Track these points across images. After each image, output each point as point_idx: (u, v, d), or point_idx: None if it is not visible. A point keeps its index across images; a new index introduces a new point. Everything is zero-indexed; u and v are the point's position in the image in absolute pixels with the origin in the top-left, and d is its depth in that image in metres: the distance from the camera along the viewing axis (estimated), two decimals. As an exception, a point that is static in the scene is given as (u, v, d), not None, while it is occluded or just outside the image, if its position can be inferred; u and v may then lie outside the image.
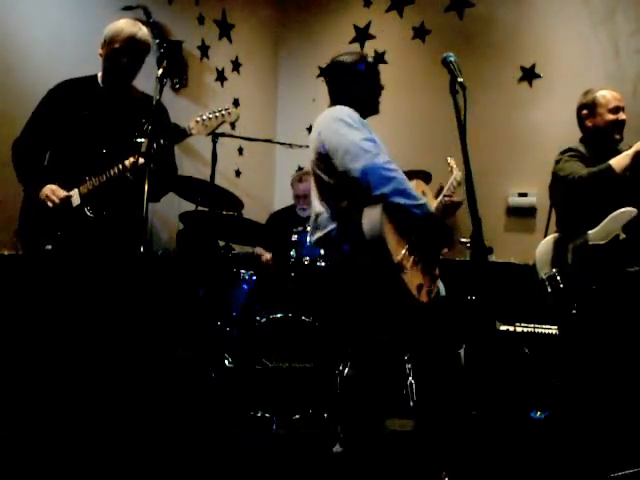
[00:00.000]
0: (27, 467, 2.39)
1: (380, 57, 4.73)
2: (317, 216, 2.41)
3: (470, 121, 2.04)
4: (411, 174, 2.44)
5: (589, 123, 3.06)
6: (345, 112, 2.34)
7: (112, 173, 2.51)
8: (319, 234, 2.40)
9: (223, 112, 2.57)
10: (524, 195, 4.13)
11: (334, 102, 2.49)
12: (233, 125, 4.24)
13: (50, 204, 2.55)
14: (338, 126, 2.29)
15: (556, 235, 3.09)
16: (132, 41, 2.57)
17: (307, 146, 4.18)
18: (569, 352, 2.94)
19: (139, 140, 2.22)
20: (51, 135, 2.64)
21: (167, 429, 2.85)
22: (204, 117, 2.56)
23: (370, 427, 2.44)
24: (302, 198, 4.14)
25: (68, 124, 2.62)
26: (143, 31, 2.63)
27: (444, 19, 4.49)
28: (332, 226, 2.34)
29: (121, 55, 2.58)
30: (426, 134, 4.43)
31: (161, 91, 2.23)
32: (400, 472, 2.58)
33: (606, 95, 3.00)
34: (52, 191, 2.56)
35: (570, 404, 2.89)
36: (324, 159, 2.34)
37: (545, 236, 3.27)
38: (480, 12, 4.38)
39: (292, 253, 3.53)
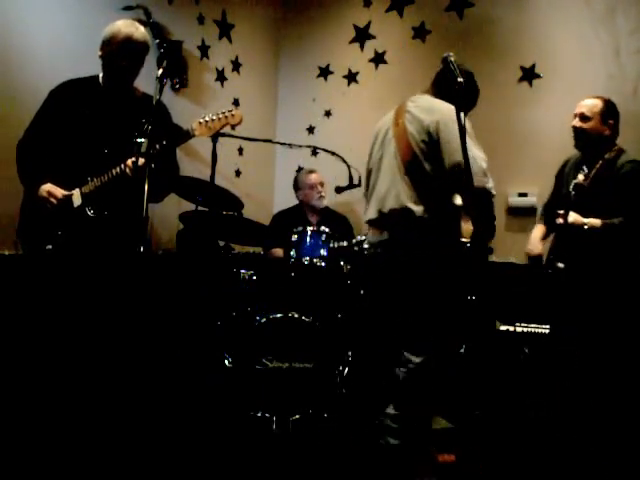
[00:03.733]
0: (27, 467, 2.39)
1: (380, 57, 4.72)
2: (386, 190, 2.45)
3: (470, 121, 2.04)
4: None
5: None
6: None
7: (114, 173, 2.51)
8: (386, 206, 2.43)
9: (226, 114, 2.57)
10: (524, 195, 4.12)
11: (439, 94, 2.48)
12: (233, 125, 4.23)
13: (49, 205, 2.55)
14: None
15: None
16: (129, 43, 2.55)
17: (307, 146, 4.19)
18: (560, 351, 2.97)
19: (140, 140, 2.22)
20: (54, 136, 2.64)
21: (167, 429, 2.85)
22: (207, 118, 2.55)
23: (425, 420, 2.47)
24: (318, 185, 4.20)
25: (69, 124, 2.61)
26: (140, 31, 2.61)
27: (444, 19, 4.48)
28: (417, 208, 2.36)
29: (119, 58, 2.57)
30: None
31: (161, 91, 2.23)
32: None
33: (580, 103, 3.04)
34: (48, 192, 2.55)
35: (570, 404, 2.90)
36: (432, 147, 2.36)
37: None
38: (480, 12, 4.37)
39: (292, 253, 3.52)
